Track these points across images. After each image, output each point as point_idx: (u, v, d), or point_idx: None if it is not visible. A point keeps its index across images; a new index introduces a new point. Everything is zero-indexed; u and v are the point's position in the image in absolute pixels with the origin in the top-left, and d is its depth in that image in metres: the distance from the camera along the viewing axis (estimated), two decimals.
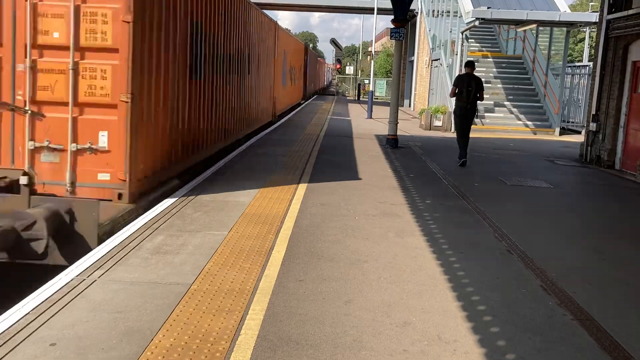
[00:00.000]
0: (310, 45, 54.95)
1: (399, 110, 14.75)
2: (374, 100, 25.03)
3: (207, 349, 3.21)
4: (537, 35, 20.97)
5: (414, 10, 28.57)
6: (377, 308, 3.92)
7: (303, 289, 4.20)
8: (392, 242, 5.55)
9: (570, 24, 18.68)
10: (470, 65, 11.32)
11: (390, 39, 14.22)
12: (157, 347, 3.19)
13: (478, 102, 11.27)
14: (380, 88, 44.85)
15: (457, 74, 15.86)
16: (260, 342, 3.33)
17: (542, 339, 3.60)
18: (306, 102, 33.23)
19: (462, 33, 18.51)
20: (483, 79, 20.44)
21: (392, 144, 13.27)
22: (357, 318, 3.75)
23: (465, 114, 11.12)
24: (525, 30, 20.84)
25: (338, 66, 60.15)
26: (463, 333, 3.61)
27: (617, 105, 11.57)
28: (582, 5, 51.53)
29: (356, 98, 40.86)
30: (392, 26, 13.68)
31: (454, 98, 11.37)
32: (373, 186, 8.35)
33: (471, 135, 11.41)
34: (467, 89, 10.90)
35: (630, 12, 11.05)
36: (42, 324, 3.42)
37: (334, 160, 10.75)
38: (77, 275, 4.23)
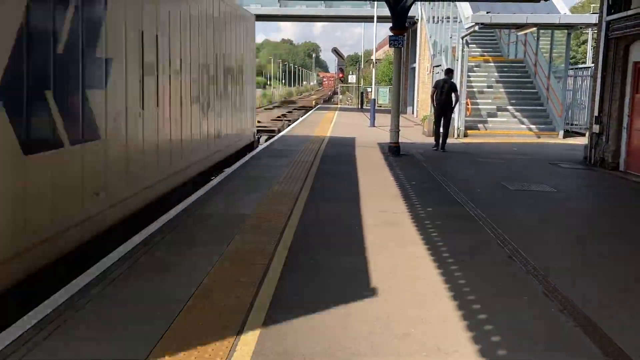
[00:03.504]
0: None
1: (402, 118, 14.86)
2: (377, 108, 24.95)
3: None
4: (538, 39, 20.90)
5: (414, 17, 28.54)
6: (375, 320, 3.87)
7: (306, 301, 4.17)
8: (393, 251, 5.50)
9: (570, 26, 18.62)
10: (448, 72, 14.85)
11: (390, 46, 14.22)
12: None
13: (459, 102, 15.52)
14: (383, 96, 44.66)
15: (458, 80, 17.18)
16: None
17: (544, 347, 3.54)
18: (308, 113, 33.25)
19: (462, 38, 18.48)
20: (485, 84, 21.07)
21: (394, 151, 13.23)
22: (355, 330, 3.70)
23: (442, 107, 14.43)
24: (526, 34, 20.78)
25: (341, 75, 60.21)
26: (463, 343, 3.55)
27: (619, 106, 11.48)
28: (584, 8, 51.40)
29: (359, 106, 40.83)
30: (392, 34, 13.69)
31: (435, 98, 14.56)
32: (374, 195, 8.30)
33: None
34: (442, 90, 14.33)
35: (630, 12, 10.97)
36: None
37: (335, 169, 10.71)
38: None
